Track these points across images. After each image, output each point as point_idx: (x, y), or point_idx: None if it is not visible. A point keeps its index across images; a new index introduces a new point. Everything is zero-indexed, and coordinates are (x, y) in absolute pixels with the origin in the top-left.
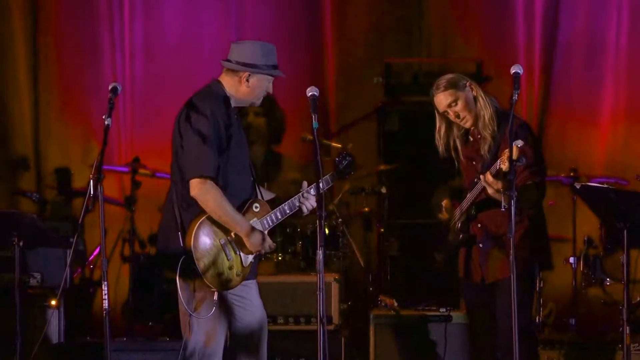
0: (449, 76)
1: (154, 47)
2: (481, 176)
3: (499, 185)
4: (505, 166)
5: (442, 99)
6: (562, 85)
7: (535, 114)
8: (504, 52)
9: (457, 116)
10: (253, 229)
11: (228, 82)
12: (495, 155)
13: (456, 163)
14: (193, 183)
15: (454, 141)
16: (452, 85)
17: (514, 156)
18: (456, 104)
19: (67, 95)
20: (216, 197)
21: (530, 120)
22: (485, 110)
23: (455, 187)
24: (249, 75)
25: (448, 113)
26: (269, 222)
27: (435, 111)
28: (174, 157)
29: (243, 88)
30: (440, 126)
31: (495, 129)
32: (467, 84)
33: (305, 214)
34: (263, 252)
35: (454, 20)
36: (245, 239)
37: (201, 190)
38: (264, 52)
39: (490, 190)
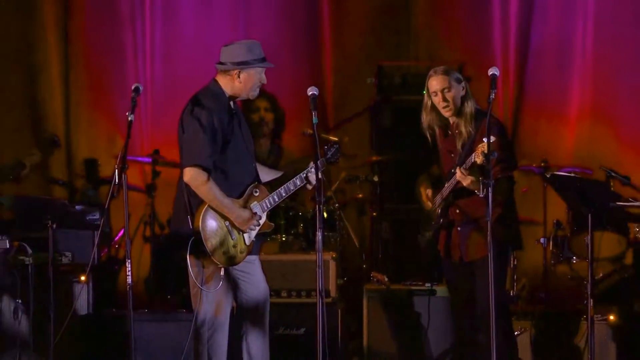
0: (452, 69)
1: (172, 51)
2: (454, 171)
3: (468, 180)
4: (479, 159)
5: (436, 82)
6: (535, 85)
7: (510, 111)
8: (483, 56)
9: (444, 99)
10: (240, 210)
11: (223, 81)
12: (471, 150)
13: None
14: (186, 170)
15: (434, 128)
16: (450, 74)
17: (487, 151)
18: (448, 91)
19: (95, 94)
20: (206, 184)
21: (505, 116)
22: (470, 110)
23: (435, 176)
24: (239, 72)
25: (436, 94)
26: (267, 204)
27: (426, 91)
28: (180, 148)
29: (236, 84)
30: (427, 103)
31: (471, 132)
32: (463, 83)
33: (311, 187)
34: (254, 228)
35: (439, 27)
36: (232, 219)
37: (192, 177)
38: (249, 48)
39: (464, 183)
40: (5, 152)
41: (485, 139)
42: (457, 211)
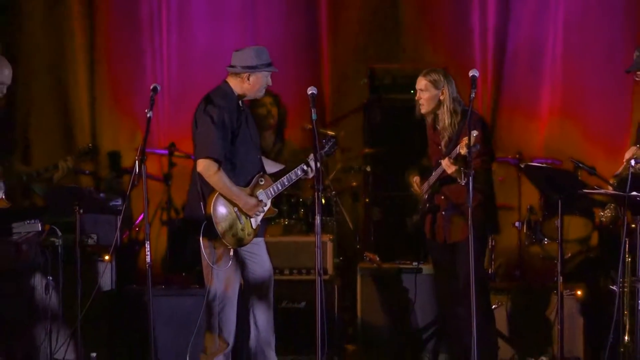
0: (436, 74)
1: (186, 55)
2: (441, 161)
3: (453, 169)
4: (463, 151)
5: (420, 81)
6: (510, 85)
7: (488, 108)
8: (464, 59)
9: (419, 97)
10: (247, 197)
11: (233, 82)
12: (456, 143)
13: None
14: (199, 162)
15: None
16: (431, 81)
17: (471, 143)
18: (423, 92)
19: (118, 94)
20: (217, 174)
21: (484, 113)
22: (446, 116)
23: (424, 166)
24: (249, 75)
25: (416, 92)
26: (272, 192)
27: None
28: (193, 142)
29: (246, 85)
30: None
31: (452, 132)
32: (442, 90)
33: (310, 176)
34: (260, 213)
35: (425, 34)
36: (241, 205)
37: (205, 168)
38: (258, 54)
39: (449, 171)
40: (38, 149)
41: (473, 133)
42: (442, 197)
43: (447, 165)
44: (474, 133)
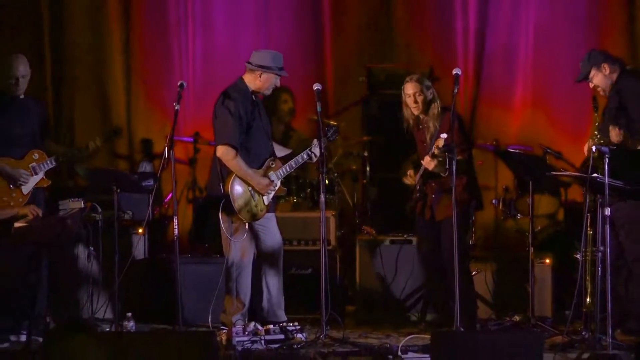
0: (425, 78)
1: (209, 56)
2: (422, 161)
3: (432, 165)
4: (437, 151)
5: (410, 87)
6: (488, 81)
7: (469, 102)
8: (448, 59)
9: (414, 101)
10: (260, 178)
11: (248, 78)
12: (438, 136)
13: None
14: (218, 148)
15: (409, 121)
16: (421, 82)
17: (441, 144)
18: (419, 95)
19: (149, 89)
20: (234, 158)
21: (465, 106)
22: (436, 111)
23: (415, 160)
24: (262, 73)
25: (409, 96)
26: (281, 173)
27: (402, 92)
28: (214, 130)
29: (258, 82)
30: (404, 101)
31: (435, 126)
32: (431, 89)
33: (315, 160)
34: (271, 192)
35: (414, 38)
36: (254, 185)
37: (223, 153)
38: (273, 58)
39: (429, 168)
40: (81, 136)
41: (442, 135)
42: (433, 184)
43: (427, 163)
44: (443, 136)
